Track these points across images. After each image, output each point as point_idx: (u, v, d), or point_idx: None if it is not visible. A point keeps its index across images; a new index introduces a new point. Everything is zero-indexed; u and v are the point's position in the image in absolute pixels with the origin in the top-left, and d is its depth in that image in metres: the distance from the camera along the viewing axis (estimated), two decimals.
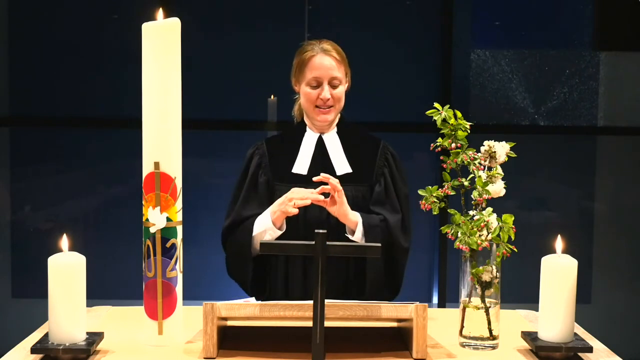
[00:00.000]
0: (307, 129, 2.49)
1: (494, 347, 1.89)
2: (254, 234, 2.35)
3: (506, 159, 1.92)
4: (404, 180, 2.46)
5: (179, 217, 1.90)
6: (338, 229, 2.34)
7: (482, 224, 1.83)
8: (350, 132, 2.50)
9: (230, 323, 1.99)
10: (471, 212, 1.88)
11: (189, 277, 2.20)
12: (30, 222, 4.25)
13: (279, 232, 2.34)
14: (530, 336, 1.87)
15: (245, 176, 2.47)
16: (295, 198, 2.28)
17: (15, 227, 4.26)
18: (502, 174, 1.91)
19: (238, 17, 4.22)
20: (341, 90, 2.43)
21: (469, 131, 1.91)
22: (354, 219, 2.33)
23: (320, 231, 1.73)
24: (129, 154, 4.03)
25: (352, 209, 2.35)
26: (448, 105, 1.92)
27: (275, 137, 2.59)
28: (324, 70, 2.40)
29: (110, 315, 2.17)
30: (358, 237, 2.33)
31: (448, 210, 1.89)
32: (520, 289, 2.86)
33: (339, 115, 2.51)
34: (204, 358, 1.80)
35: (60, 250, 1.81)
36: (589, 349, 1.82)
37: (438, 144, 1.92)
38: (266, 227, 2.34)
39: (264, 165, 2.45)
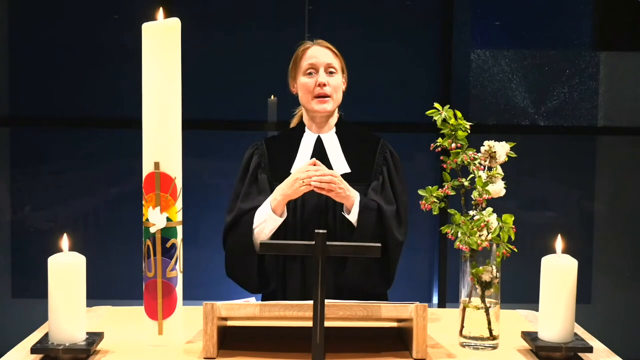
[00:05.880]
0: (306, 129, 2.49)
1: (494, 347, 1.89)
2: (254, 225, 2.34)
3: (506, 159, 1.92)
4: (401, 179, 2.44)
5: (179, 217, 1.90)
6: (335, 210, 2.36)
7: (482, 224, 1.83)
8: (349, 132, 2.50)
9: (230, 323, 1.99)
10: (471, 212, 1.88)
11: (189, 277, 2.20)
12: (30, 222, 4.25)
13: (280, 220, 2.33)
14: (530, 336, 1.87)
15: (245, 173, 2.46)
16: (301, 177, 2.29)
17: (15, 227, 4.26)
18: (502, 174, 1.91)
19: (238, 17, 4.22)
20: (338, 79, 2.44)
21: (469, 131, 1.91)
22: (352, 198, 2.32)
23: (320, 231, 1.74)
24: (129, 154, 4.04)
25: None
26: (448, 105, 1.92)
27: (274, 137, 2.59)
28: (319, 57, 2.42)
29: (110, 315, 2.17)
30: (354, 218, 2.33)
31: (448, 210, 1.89)
32: (520, 289, 2.86)
33: (338, 115, 2.51)
34: (204, 358, 1.80)
35: (60, 250, 1.81)
36: (589, 349, 1.82)
37: (438, 144, 1.92)
38: (266, 216, 2.33)
39: (264, 165, 2.45)
